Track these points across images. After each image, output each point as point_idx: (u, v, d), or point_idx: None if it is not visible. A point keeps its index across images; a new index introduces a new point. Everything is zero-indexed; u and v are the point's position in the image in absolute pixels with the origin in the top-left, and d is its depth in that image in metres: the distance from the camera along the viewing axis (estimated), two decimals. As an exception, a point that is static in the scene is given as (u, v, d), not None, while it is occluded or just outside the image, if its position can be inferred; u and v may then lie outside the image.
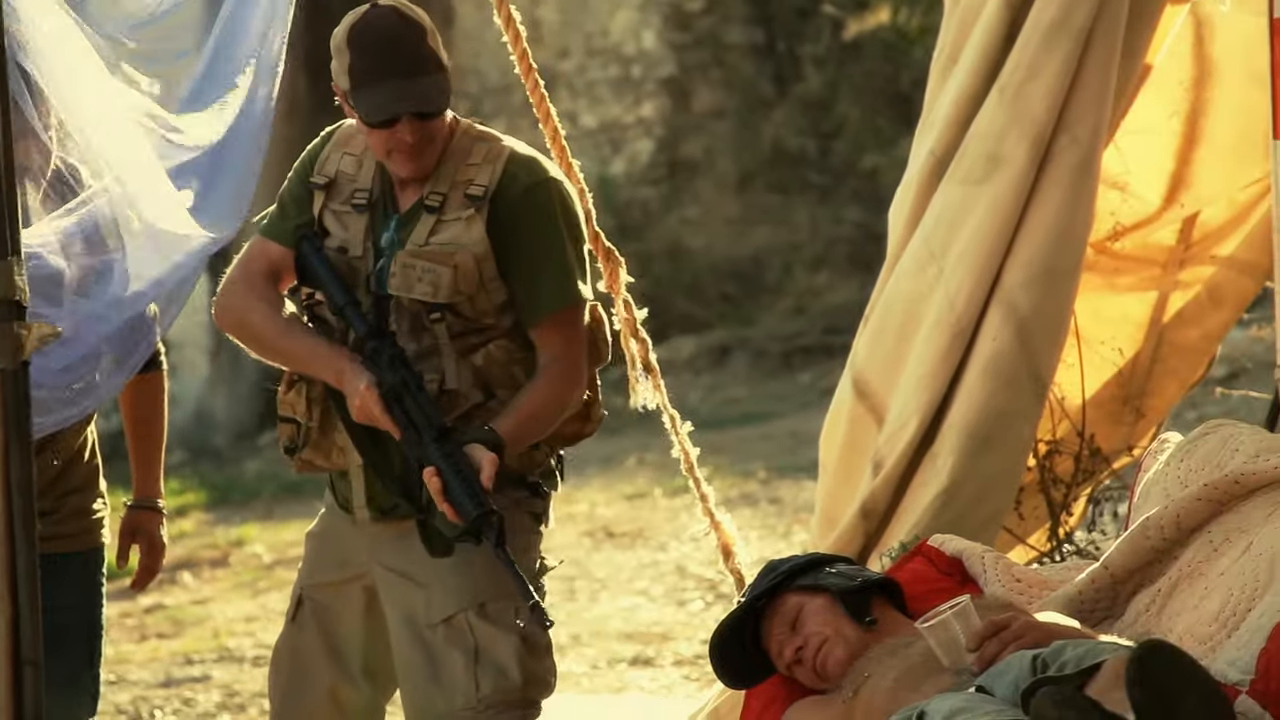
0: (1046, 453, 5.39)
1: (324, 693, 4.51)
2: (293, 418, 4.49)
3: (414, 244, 4.39)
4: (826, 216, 13.84)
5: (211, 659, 8.25)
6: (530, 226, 4.40)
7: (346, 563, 4.51)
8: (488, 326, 4.42)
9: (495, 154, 4.43)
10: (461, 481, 4.26)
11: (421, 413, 4.32)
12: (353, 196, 4.46)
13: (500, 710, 4.37)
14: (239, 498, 11.46)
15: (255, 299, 4.48)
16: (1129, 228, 5.46)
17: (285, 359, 4.49)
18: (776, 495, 10.07)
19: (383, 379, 4.34)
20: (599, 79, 14.25)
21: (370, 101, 4.32)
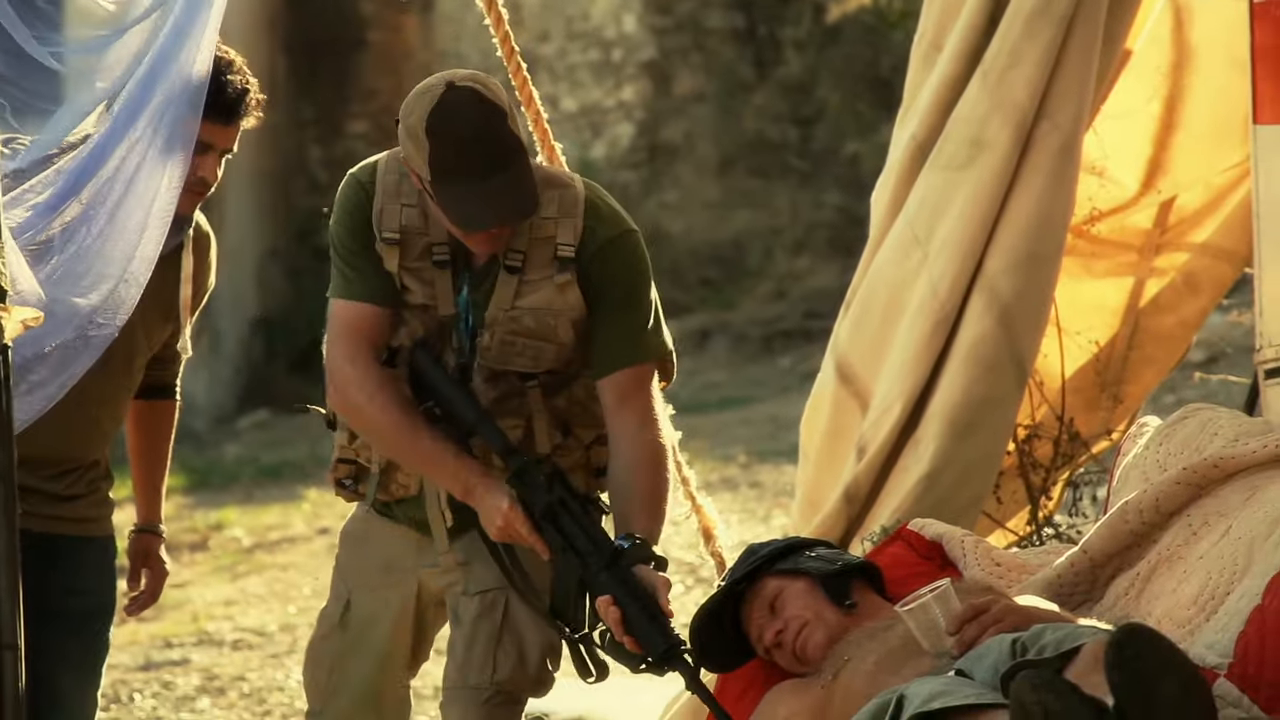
0: (1026, 437, 5.40)
1: (367, 691, 4.43)
2: (354, 460, 4.34)
3: (500, 309, 4.17)
4: (807, 201, 13.84)
5: (191, 642, 8.25)
6: (609, 286, 4.21)
7: (392, 567, 4.41)
8: (572, 375, 4.28)
9: (570, 203, 4.21)
10: (643, 612, 4.10)
11: (584, 535, 4.17)
12: (432, 252, 4.19)
13: (506, 698, 4.33)
14: (218, 481, 11.44)
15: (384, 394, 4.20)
16: (1106, 212, 5.47)
17: (409, 460, 4.26)
18: (757, 479, 10.08)
19: (533, 499, 4.16)
20: (580, 63, 14.23)
21: (457, 205, 4.06)
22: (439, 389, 4.23)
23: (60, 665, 4.44)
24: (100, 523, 4.53)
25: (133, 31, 4.01)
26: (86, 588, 4.48)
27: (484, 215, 4.08)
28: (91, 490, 4.50)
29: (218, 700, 7.48)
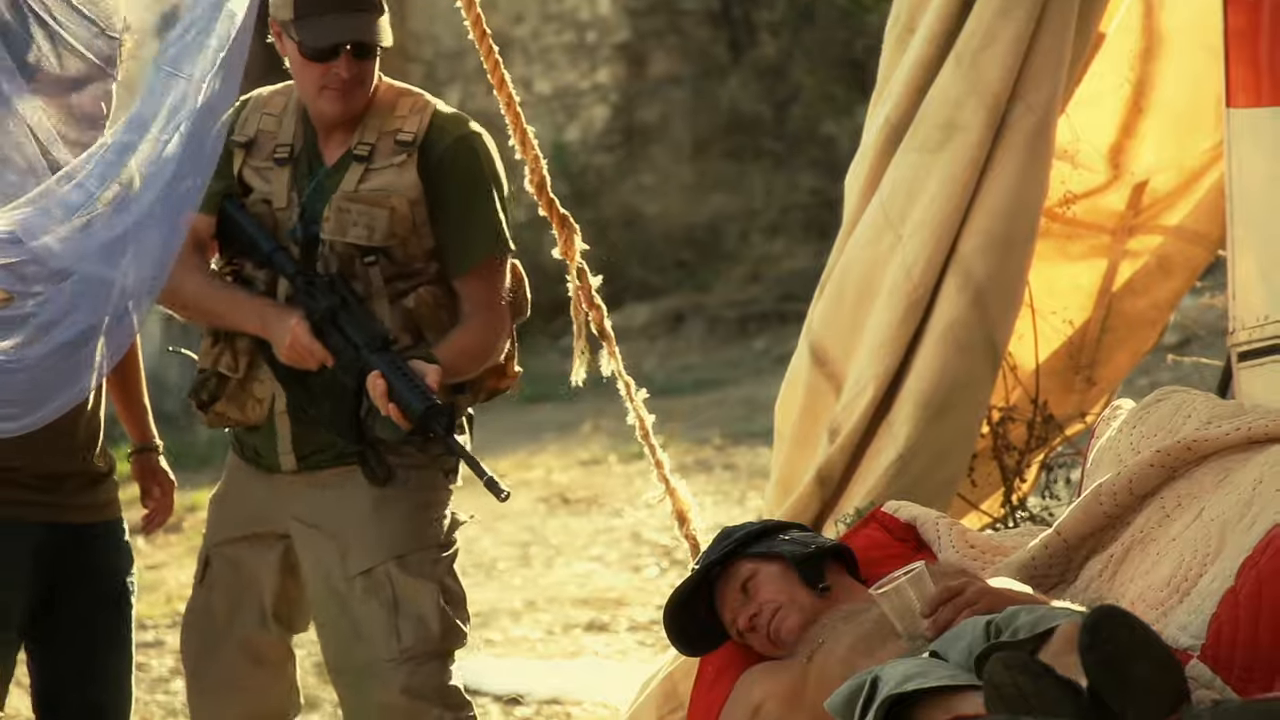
0: (1000, 419, 5.41)
1: (237, 644, 4.56)
2: (213, 370, 4.53)
3: (344, 191, 4.45)
4: (782, 183, 13.84)
5: (165, 624, 8.24)
6: (458, 177, 4.48)
7: (257, 518, 4.55)
8: (417, 271, 4.48)
9: (421, 106, 4.52)
10: (406, 382, 4.31)
11: (360, 329, 4.38)
12: (274, 151, 4.52)
13: (421, 661, 4.43)
14: (192, 464, 11.41)
15: (181, 268, 4.43)
16: (1079, 195, 5.47)
17: (212, 317, 4.53)
18: (731, 461, 10.08)
19: (313, 308, 4.40)
20: (554, 44, 14.21)
21: (314, 30, 4.38)
22: (240, 226, 4.50)
23: (109, 645, 4.52)
24: (112, 506, 4.59)
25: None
26: (111, 567, 4.53)
27: (338, 33, 4.39)
28: (95, 482, 4.55)
29: (191, 682, 7.47)
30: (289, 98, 4.57)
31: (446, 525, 4.54)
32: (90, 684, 4.52)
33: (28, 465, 4.39)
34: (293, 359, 4.41)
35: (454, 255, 4.48)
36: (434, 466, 4.52)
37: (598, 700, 6.78)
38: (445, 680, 4.48)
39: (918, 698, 3.58)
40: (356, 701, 4.50)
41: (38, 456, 4.40)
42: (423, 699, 4.43)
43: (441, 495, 4.54)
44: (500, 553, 8.69)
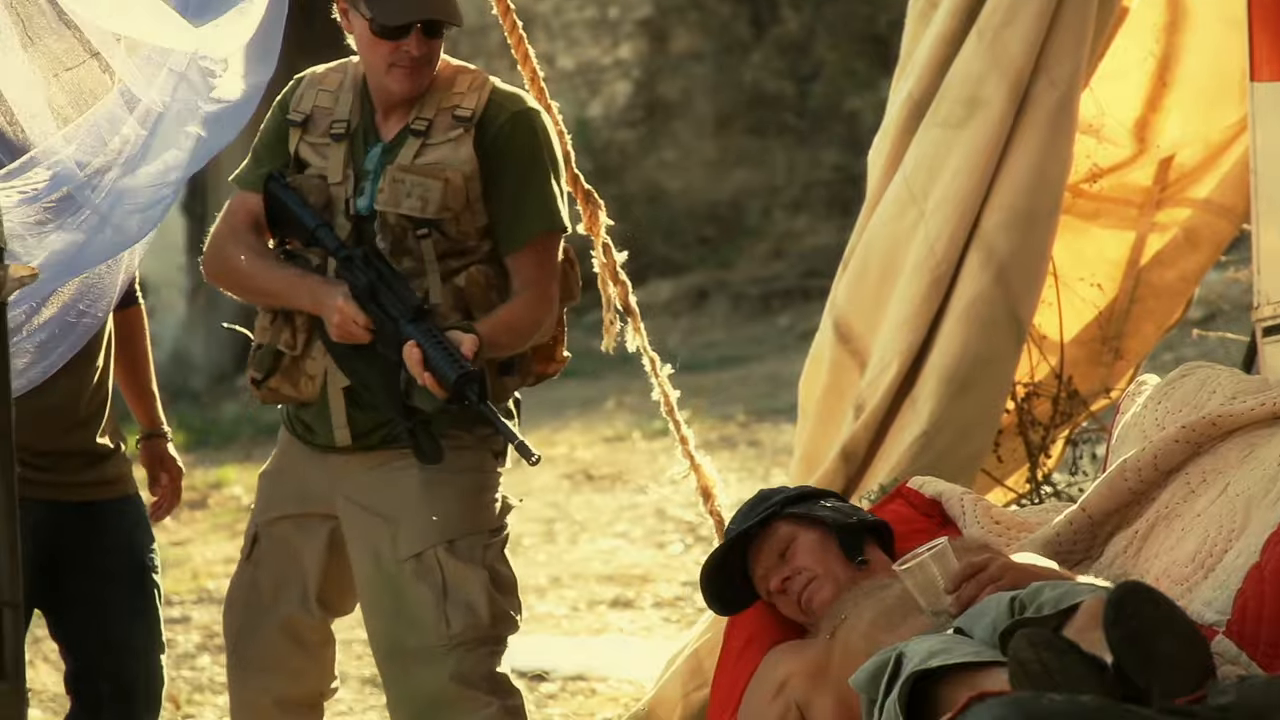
0: (1025, 395, 5.41)
1: (279, 623, 4.55)
2: (270, 346, 4.52)
3: (400, 164, 4.43)
4: (804, 159, 13.82)
5: (191, 600, 8.26)
6: (515, 154, 4.46)
7: (307, 497, 4.53)
8: (469, 249, 4.46)
9: (479, 82, 4.50)
10: (440, 350, 4.30)
11: (397, 301, 4.37)
12: (331, 127, 4.50)
13: (470, 647, 4.40)
14: (217, 440, 11.45)
15: (237, 245, 4.52)
16: (1105, 170, 5.46)
17: (265, 296, 4.52)
18: (755, 438, 10.08)
19: (354, 282, 4.39)
20: (576, 20, 14.19)
21: (387, 7, 4.36)
22: (285, 205, 4.49)
23: (129, 619, 4.55)
24: (120, 482, 4.61)
25: None
26: (121, 542, 4.56)
27: (410, 11, 4.38)
28: (100, 460, 4.56)
29: (218, 657, 7.50)
30: (345, 74, 4.55)
31: (497, 509, 4.51)
32: (110, 657, 4.53)
33: (27, 443, 4.39)
34: (342, 335, 4.40)
35: (507, 231, 4.46)
36: (483, 448, 4.48)
37: (623, 676, 6.78)
38: (494, 667, 4.44)
39: (942, 674, 3.58)
40: (404, 687, 4.46)
41: (38, 434, 4.41)
42: (472, 686, 4.40)
43: (491, 478, 4.51)
44: (525, 529, 8.70)
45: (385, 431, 4.45)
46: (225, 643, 4.64)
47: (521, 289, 4.46)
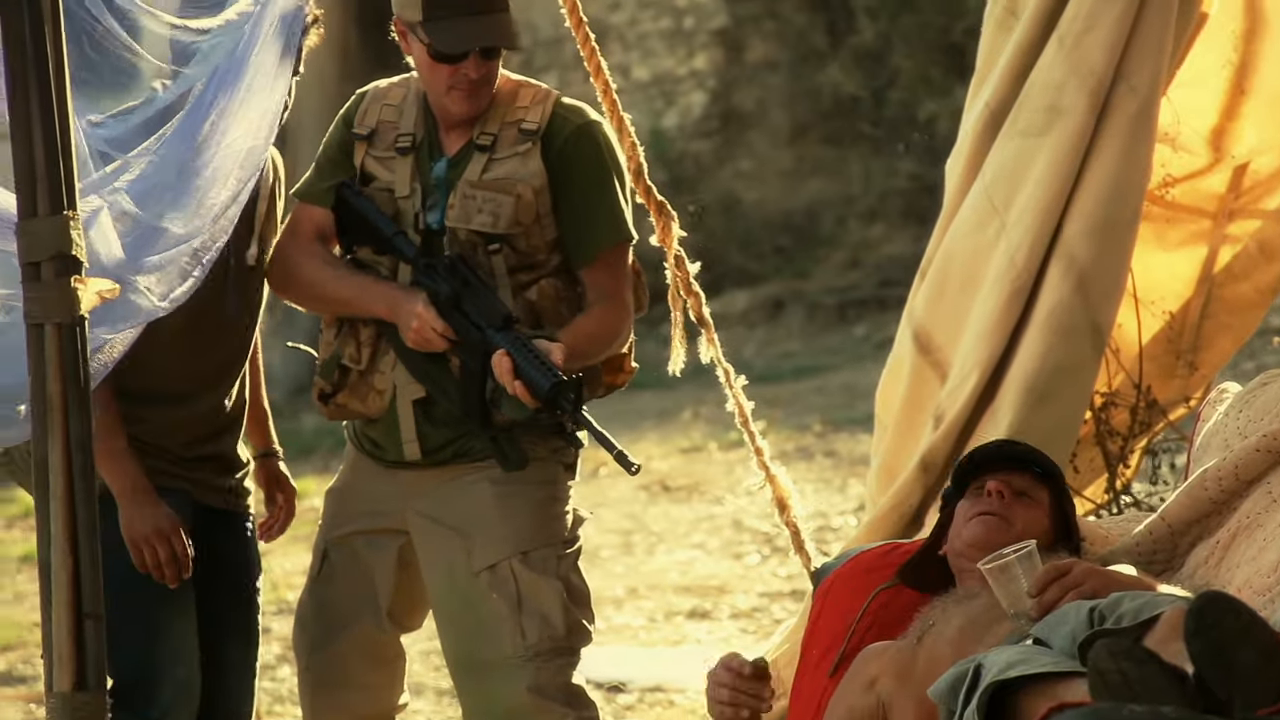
0: (1102, 405, 5.37)
1: (352, 640, 4.55)
2: (335, 361, 4.51)
3: (468, 180, 4.43)
4: (880, 168, 13.78)
5: (271, 611, 8.30)
6: (581, 166, 4.47)
7: (377, 512, 4.53)
8: (539, 263, 4.47)
9: (542, 96, 4.51)
10: (531, 358, 4.29)
11: (483, 310, 4.36)
12: (396, 141, 4.50)
13: (546, 659, 4.39)
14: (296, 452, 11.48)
15: (303, 255, 4.53)
16: (1180, 178, 5.42)
17: (336, 304, 4.52)
18: (832, 448, 10.06)
19: (436, 290, 4.38)
20: (651, 31, 14.21)
21: (446, 34, 4.37)
22: (359, 212, 4.48)
23: (228, 634, 4.58)
24: (244, 498, 4.65)
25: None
26: (241, 559, 4.59)
27: (472, 38, 4.37)
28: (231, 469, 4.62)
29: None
30: (408, 88, 4.56)
31: (570, 521, 4.51)
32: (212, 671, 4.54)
33: (167, 446, 4.46)
34: (419, 342, 4.38)
35: (578, 244, 4.46)
36: (554, 460, 4.48)
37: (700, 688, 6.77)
38: (569, 678, 4.43)
39: (1021, 684, 3.56)
40: (479, 700, 4.46)
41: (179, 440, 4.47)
42: (548, 698, 4.39)
43: (563, 490, 4.51)
44: (602, 540, 8.71)
45: (457, 446, 4.46)
46: (297, 660, 4.65)
47: (597, 300, 4.46)
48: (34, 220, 3.63)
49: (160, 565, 4.37)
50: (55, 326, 3.64)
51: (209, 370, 4.52)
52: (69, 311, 3.64)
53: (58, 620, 3.64)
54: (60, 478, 3.65)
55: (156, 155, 3.91)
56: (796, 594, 7.63)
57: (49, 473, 3.65)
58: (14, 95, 3.63)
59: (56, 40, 3.64)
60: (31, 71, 3.61)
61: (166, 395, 4.43)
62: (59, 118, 3.64)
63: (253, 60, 4.01)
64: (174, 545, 4.37)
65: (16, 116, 3.63)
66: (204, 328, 4.40)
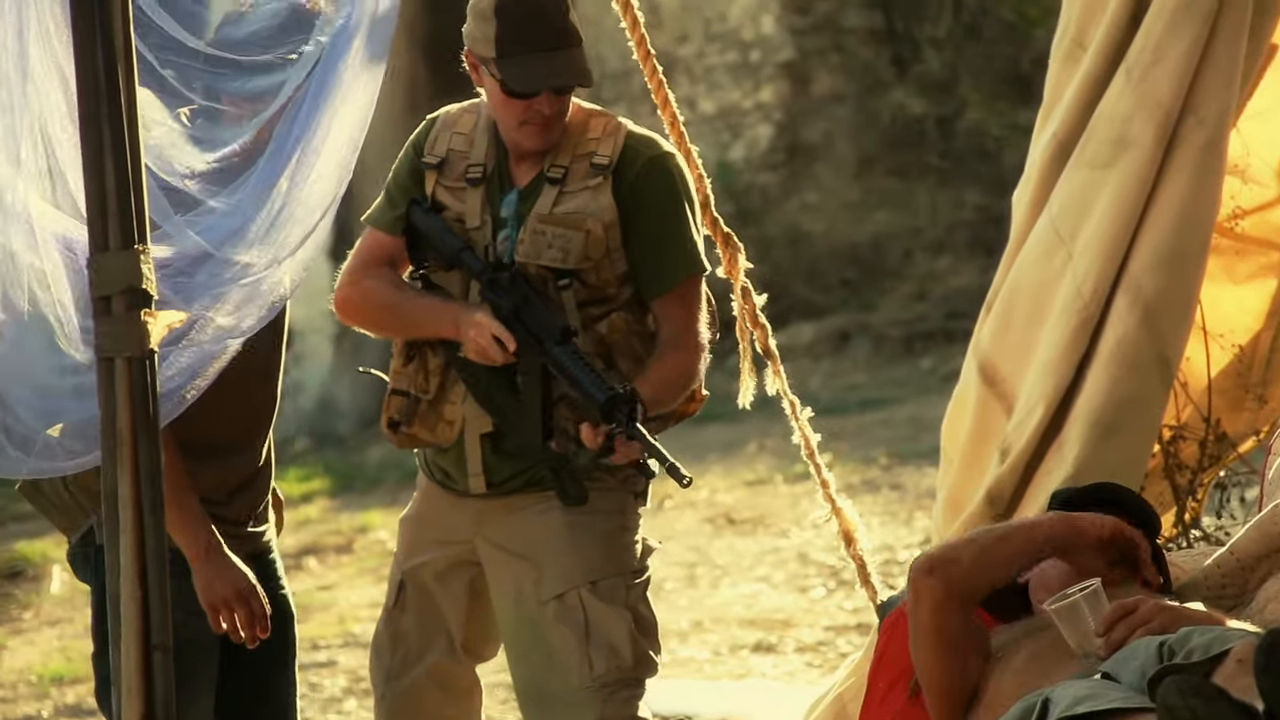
0: (1170, 438, 5.34)
1: (428, 673, 4.55)
2: (405, 390, 4.51)
3: (538, 213, 4.42)
4: (947, 200, 13.75)
5: (337, 644, 8.33)
6: (653, 199, 4.46)
7: (447, 541, 4.53)
8: (610, 297, 4.46)
9: (614, 128, 4.49)
10: (588, 372, 4.29)
11: (542, 324, 4.35)
12: (467, 171, 4.49)
13: (613, 690, 4.38)
14: (363, 485, 11.55)
15: (372, 279, 4.53)
16: (1249, 210, 5.39)
17: (405, 328, 4.52)
18: (898, 481, 10.03)
19: (499, 304, 4.37)
20: (717, 64, 14.22)
21: (521, 73, 4.36)
22: (428, 229, 4.48)
23: (268, 663, 4.56)
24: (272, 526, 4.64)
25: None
26: (278, 588, 4.58)
27: (545, 78, 4.35)
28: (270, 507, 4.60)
29: (364, 701, 7.55)
30: (478, 115, 4.55)
31: (639, 551, 4.50)
32: (260, 706, 4.56)
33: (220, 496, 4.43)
34: (479, 352, 4.37)
35: (651, 277, 4.45)
36: (624, 490, 4.48)
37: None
38: (635, 711, 4.42)
39: (1090, 719, 3.54)
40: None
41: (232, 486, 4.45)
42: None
43: (632, 520, 4.50)
44: (667, 573, 8.70)
45: (525, 476, 4.46)
46: (374, 690, 4.65)
47: (671, 337, 4.44)
48: (105, 255, 3.67)
49: (240, 628, 4.33)
50: (125, 360, 3.67)
51: (253, 416, 4.50)
52: (139, 345, 3.67)
53: (127, 652, 3.66)
54: (130, 510, 3.67)
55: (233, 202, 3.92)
56: (862, 628, 7.60)
57: (118, 505, 3.68)
58: (86, 130, 3.67)
59: (129, 77, 3.68)
60: (104, 107, 3.65)
61: (215, 445, 4.40)
62: (131, 152, 3.67)
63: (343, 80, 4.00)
64: (252, 605, 4.34)
65: (89, 151, 3.67)
66: (252, 371, 4.35)
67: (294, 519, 10.71)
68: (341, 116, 3.99)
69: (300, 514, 10.68)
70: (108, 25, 3.65)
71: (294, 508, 10.87)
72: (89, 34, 3.65)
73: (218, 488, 4.43)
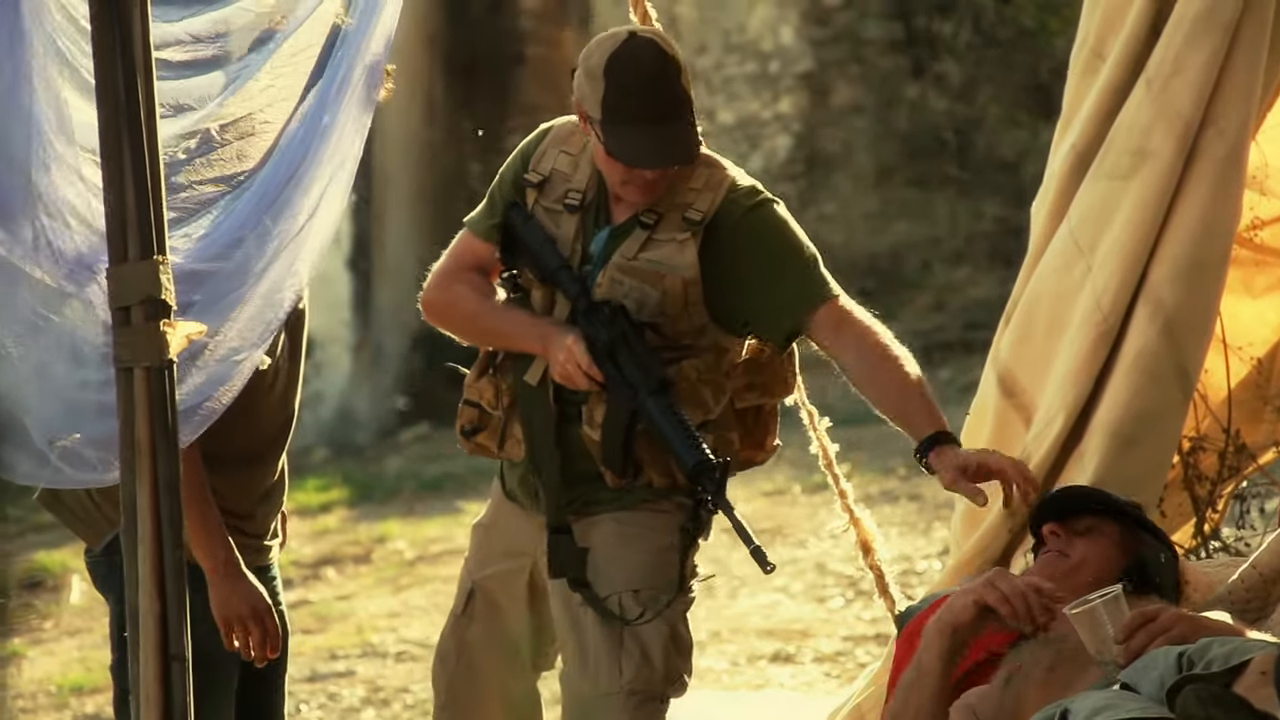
0: (1190, 449, 5.33)
1: (495, 685, 4.53)
2: (476, 402, 4.48)
3: (623, 256, 4.35)
4: (966, 210, 13.74)
5: (355, 654, 8.33)
6: (759, 242, 4.38)
7: (513, 551, 4.51)
8: (685, 346, 4.39)
9: (717, 181, 4.41)
10: (681, 431, 4.23)
11: (638, 368, 4.28)
12: (566, 196, 4.41)
13: (641, 700, 4.37)
14: (381, 495, 11.55)
15: (460, 284, 4.45)
16: (1268, 221, 5.38)
17: (491, 337, 4.45)
18: (917, 492, 10.02)
19: (596, 335, 4.29)
20: (736, 75, 14.23)
21: (625, 144, 4.25)
22: (526, 238, 4.39)
23: (264, 681, 4.55)
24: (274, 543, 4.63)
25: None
26: (277, 604, 4.56)
27: (649, 156, 4.26)
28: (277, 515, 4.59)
29: (382, 711, 7.55)
30: (588, 138, 4.43)
31: (687, 571, 4.45)
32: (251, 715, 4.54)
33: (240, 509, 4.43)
34: (564, 375, 4.31)
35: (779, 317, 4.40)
36: (679, 514, 4.43)
37: (784, 732, 6.75)
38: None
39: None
40: None
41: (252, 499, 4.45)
42: None
43: (685, 543, 4.45)
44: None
45: (581, 501, 4.42)
46: (435, 696, 4.63)
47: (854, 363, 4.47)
48: (124, 265, 3.67)
49: (252, 647, 4.32)
50: (144, 370, 3.67)
51: (273, 426, 4.49)
52: (158, 355, 3.68)
53: (145, 662, 3.67)
54: (148, 521, 3.67)
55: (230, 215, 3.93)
56: (881, 638, 7.59)
57: (136, 516, 3.69)
58: (106, 142, 3.68)
59: (149, 89, 3.69)
60: (124, 119, 3.66)
61: (236, 456, 4.39)
62: (150, 164, 3.68)
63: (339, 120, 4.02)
64: (266, 625, 4.32)
65: (109, 162, 3.68)
66: (271, 381, 4.36)
67: (312, 529, 10.73)
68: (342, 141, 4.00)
69: (319, 524, 10.69)
70: (128, 38, 3.66)
71: (312, 517, 10.89)
72: (109, 46, 3.66)
73: (241, 500, 4.43)
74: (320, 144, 3.99)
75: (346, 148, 4.04)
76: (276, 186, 3.96)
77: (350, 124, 4.03)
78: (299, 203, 3.96)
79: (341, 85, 4.03)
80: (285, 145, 3.99)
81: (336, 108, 4.02)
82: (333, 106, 4.01)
